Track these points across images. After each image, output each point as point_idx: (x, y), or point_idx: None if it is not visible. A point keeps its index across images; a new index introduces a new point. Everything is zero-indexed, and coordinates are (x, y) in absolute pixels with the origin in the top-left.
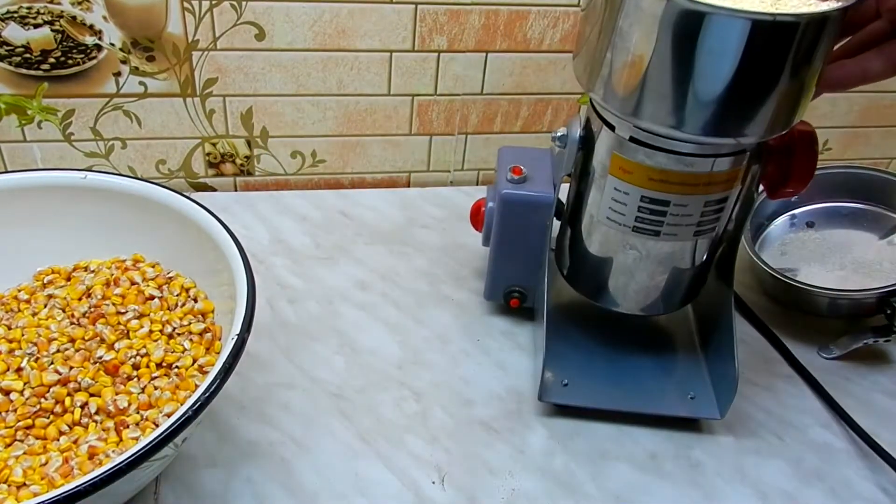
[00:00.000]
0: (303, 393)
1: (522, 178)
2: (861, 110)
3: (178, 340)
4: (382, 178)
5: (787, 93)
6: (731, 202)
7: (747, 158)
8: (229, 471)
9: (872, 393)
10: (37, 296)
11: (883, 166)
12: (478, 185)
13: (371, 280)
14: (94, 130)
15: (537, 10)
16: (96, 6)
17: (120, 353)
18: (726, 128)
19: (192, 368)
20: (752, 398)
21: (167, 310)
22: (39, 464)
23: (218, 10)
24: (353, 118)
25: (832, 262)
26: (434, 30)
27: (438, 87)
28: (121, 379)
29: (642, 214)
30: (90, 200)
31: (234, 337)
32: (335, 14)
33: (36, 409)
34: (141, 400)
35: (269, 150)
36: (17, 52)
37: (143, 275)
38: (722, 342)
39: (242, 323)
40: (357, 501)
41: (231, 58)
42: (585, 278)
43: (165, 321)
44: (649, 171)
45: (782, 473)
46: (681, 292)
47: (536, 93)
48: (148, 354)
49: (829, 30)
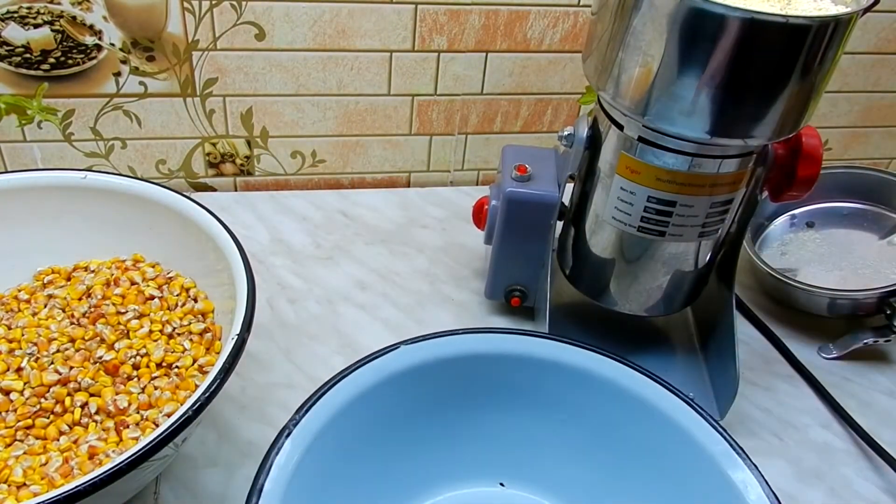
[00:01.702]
0: (303, 393)
1: (527, 176)
2: (861, 110)
3: (178, 340)
4: (382, 178)
5: (796, 96)
6: (735, 204)
7: (753, 161)
8: (229, 471)
9: (872, 393)
10: (37, 296)
11: (883, 166)
12: (478, 185)
13: (371, 280)
14: (94, 130)
15: (537, 10)
16: (96, 6)
17: (120, 353)
18: (735, 129)
19: (192, 368)
20: (752, 398)
21: (167, 310)
22: (39, 464)
23: (218, 10)
24: (353, 118)
25: (832, 262)
26: (434, 30)
27: (438, 87)
28: (121, 379)
29: (648, 215)
30: (90, 200)
31: (234, 337)
32: (335, 14)
33: (36, 409)
34: (141, 400)
35: (269, 150)
36: (17, 52)
37: (143, 275)
38: (722, 344)
39: (242, 323)
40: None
41: (231, 58)
42: (588, 278)
43: (165, 321)
44: (657, 172)
45: (782, 473)
46: (683, 294)
47: (536, 93)
48: (148, 354)
49: (840, 34)
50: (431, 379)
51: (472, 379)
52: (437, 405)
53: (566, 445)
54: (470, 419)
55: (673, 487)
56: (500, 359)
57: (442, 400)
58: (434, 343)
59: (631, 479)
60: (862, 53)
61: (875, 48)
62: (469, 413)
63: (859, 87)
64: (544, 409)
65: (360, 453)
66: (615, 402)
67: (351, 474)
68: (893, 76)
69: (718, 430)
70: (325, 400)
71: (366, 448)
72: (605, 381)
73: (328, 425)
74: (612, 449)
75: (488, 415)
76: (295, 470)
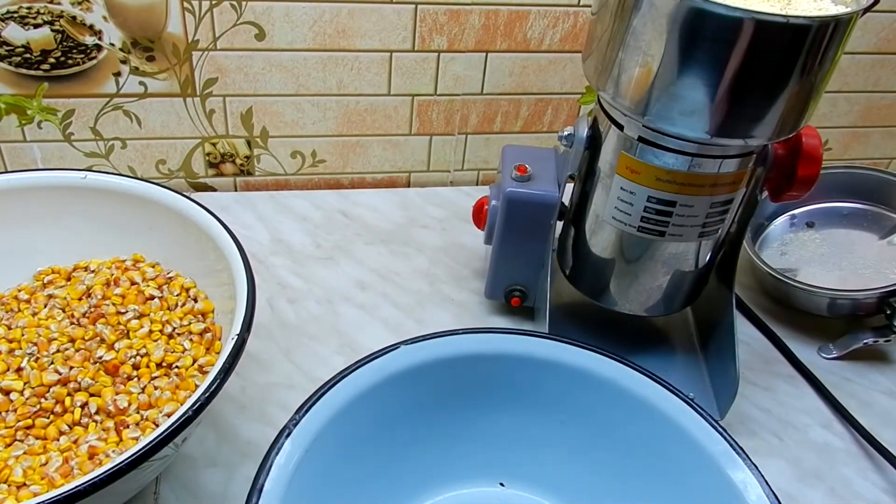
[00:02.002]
0: (303, 393)
1: (527, 176)
2: (861, 110)
3: (178, 340)
4: (382, 178)
5: (796, 96)
6: (735, 204)
7: (753, 161)
8: (229, 471)
9: (872, 393)
10: (37, 296)
11: (883, 166)
12: (478, 185)
13: (371, 280)
14: (94, 130)
15: (537, 10)
16: (96, 6)
17: (120, 353)
18: (735, 129)
19: (192, 368)
20: (752, 398)
21: (167, 310)
22: (39, 464)
23: (218, 10)
24: (353, 118)
25: (832, 262)
26: (434, 30)
27: (438, 87)
28: (121, 379)
29: (648, 215)
30: (90, 200)
31: (234, 337)
32: (335, 14)
33: (36, 409)
34: (141, 400)
35: (269, 150)
36: (17, 52)
37: (143, 275)
38: (722, 344)
39: (242, 323)
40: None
41: (231, 58)
42: (587, 278)
43: (165, 321)
44: (657, 172)
45: (782, 473)
46: (683, 294)
47: (536, 93)
48: (148, 354)
49: (840, 34)
50: (431, 379)
51: (471, 379)
52: (436, 405)
53: (566, 445)
54: (469, 419)
55: (673, 487)
56: (499, 359)
57: (441, 400)
58: (434, 343)
59: (631, 479)
60: (862, 53)
61: (875, 48)
62: (469, 413)
63: (859, 87)
64: (544, 408)
65: (360, 453)
66: (615, 402)
67: (351, 474)
68: (893, 76)
69: (718, 429)
70: (325, 400)
71: (366, 448)
72: (605, 381)
73: (328, 425)
74: (612, 449)
75: (488, 415)
76: (295, 470)
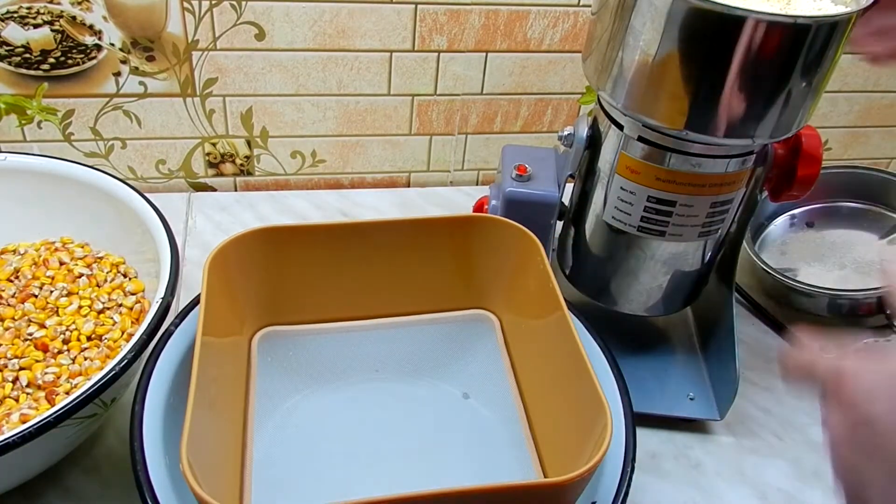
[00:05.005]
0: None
1: (527, 176)
2: (861, 110)
3: (108, 314)
4: (382, 178)
5: (796, 95)
6: (735, 204)
7: (753, 161)
8: None
9: None
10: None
11: (883, 166)
12: (478, 185)
13: None
14: (93, 130)
15: (537, 10)
16: (96, 6)
17: (49, 330)
18: (734, 129)
19: (122, 339)
20: (752, 398)
21: (96, 286)
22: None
23: (218, 10)
24: (353, 118)
25: (832, 262)
26: (434, 30)
27: (438, 87)
28: (51, 353)
29: (648, 214)
30: (14, 182)
31: (159, 300)
32: (335, 14)
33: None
34: (72, 370)
35: (269, 150)
36: (17, 52)
37: (71, 255)
38: (722, 344)
39: (167, 287)
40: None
41: (231, 58)
42: (587, 278)
43: (94, 297)
44: (657, 171)
45: (782, 473)
46: (683, 293)
47: (536, 93)
48: (77, 329)
49: (840, 34)
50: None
51: None
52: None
53: None
54: None
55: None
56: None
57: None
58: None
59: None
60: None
61: None
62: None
63: (859, 87)
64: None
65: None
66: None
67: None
68: (893, 76)
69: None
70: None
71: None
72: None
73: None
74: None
75: None
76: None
